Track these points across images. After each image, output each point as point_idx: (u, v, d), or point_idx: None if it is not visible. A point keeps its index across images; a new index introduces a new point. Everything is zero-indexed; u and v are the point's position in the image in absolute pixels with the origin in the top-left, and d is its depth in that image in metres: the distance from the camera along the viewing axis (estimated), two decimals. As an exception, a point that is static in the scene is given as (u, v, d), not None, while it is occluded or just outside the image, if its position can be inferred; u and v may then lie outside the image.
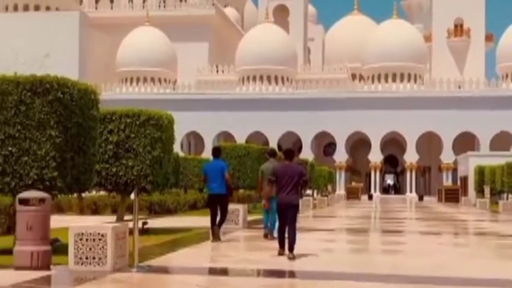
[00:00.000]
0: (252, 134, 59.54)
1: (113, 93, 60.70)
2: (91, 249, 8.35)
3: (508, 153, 46.99)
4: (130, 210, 17.98)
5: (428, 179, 68.45)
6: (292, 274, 9.06)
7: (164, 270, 9.07)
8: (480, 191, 41.17)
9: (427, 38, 71.11)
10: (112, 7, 73.22)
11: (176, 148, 50.68)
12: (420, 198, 57.10)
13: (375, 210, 31.36)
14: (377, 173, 60.80)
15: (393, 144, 65.51)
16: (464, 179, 48.45)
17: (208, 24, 69.39)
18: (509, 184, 35.39)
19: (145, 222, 14.01)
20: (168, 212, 22.66)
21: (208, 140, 60.08)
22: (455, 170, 57.45)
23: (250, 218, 18.65)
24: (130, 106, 14.31)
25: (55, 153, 9.88)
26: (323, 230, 16.80)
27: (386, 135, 59.66)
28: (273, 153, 14.47)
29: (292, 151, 11.11)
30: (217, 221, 12.90)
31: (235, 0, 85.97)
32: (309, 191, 38.10)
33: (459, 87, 59.40)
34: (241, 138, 56.58)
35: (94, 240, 8.36)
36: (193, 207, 25.83)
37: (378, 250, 12.92)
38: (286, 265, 9.57)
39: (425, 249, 12.56)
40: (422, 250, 12.49)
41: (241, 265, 9.55)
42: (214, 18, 70.11)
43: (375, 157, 59.51)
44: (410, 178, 60.47)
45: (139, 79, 64.65)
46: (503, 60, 63.33)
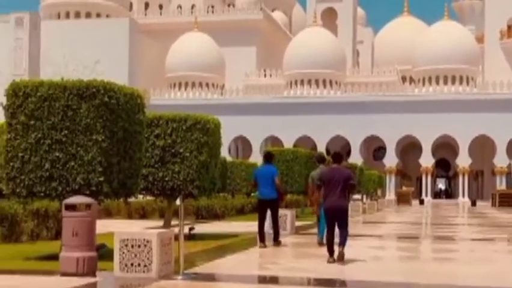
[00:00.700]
0: (299, 138, 59.18)
1: (162, 99, 61.31)
2: (136, 255, 8.25)
3: None
4: (177, 215, 17.93)
5: (480, 183, 66.78)
6: (343, 284, 8.76)
7: (210, 277, 8.89)
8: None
9: (479, 39, 69.50)
10: (161, 13, 74.04)
11: (224, 153, 50.82)
12: (473, 203, 55.65)
13: (426, 216, 30.64)
14: (429, 177, 59.62)
15: (445, 148, 64.16)
16: (519, 184, 47.00)
17: (256, 28, 69.41)
18: None
19: (191, 228, 13.90)
20: (215, 216, 22.57)
21: (255, 144, 60.01)
22: (509, 174, 55.84)
23: (298, 223, 18.39)
24: (178, 111, 14.27)
25: (101, 158, 9.84)
26: (373, 236, 16.41)
27: (438, 138, 58.44)
28: (322, 159, 14.27)
29: (340, 154, 10.89)
30: (265, 227, 12.76)
31: (283, 4, 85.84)
32: (358, 196, 37.55)
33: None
34: (289, 143, 56.28)
35: (139, 246, 8.25)
36: (240, 212, 25.70)
37: (430, 258, 12.49)
38: (336, 274, 9.29)
39: (480, 257, 12.09)
40: (476, 258, 12.02)
41: (290, 273, 9.31)
42: (262, 22, 70.10)
43: (427, 161, 58.37)
44: (462, 182, 59.11)
45: (187, 84, 65.10)
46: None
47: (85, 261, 8.47)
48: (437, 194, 71.93)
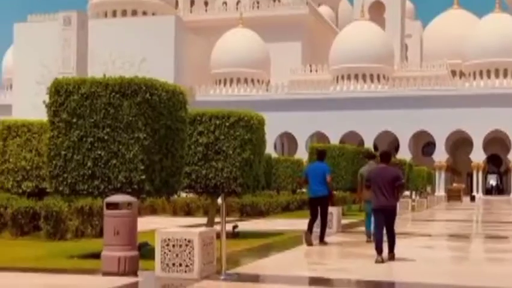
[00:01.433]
0: (346, 134, 58.53)
1: (207, 95, 61.47)
2: (177, 255, 8.07)
3: None
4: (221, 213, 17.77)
5: (534, 180, 64.93)
6: (392, 286, 8.42)
7: (254, 278, 8.63)
8: None
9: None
10: (206, 10, 74.26)
11: (269, 149, 50.58)
12: (527, 199, 54.14)
13: (478, 213, 29.79)
14: (480, 173, 58.22)
15: (497, 143, 62.54)
16: None
17: (302, 23, 68.90)
18: None
19: (235, 226, 13.70)
20: (260, 214, 22.34)
21: (301, 140, 59.60)
22: None
23: (344, 221, 18.02)
24: (223, 108, 14.09)
25: (143, 155, 9.70)
26: (422, 236, 15.91)
27: (489, 133, 56.99)
28: (371, 155, 14.00)
29: (388, 153, 10.76)
30: (314, 226, 12.52)
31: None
32: (407, 193, 36.83)
33: None
34: (336, 139, 55.73)
35: (180, 246, 8.07)
36: (286, 209, 25.41)
37: (483, 258, 11.99)
38: (384, 275, 8.94)
39: (537, 259, 11.52)
40: (533, 259, 11.46)
41: (336, 274, 8.99)
42: (308, 17, 69.55)
43: (478, 157, 57.02)
44: (515, 179, 57.56)
45: (232, 80, 65.13)
46: None
47: (126, 260, 8.34)
48: (488, 191, 70.28)
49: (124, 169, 9.70)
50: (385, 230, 10.20)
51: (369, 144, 54.67)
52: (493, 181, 77.28)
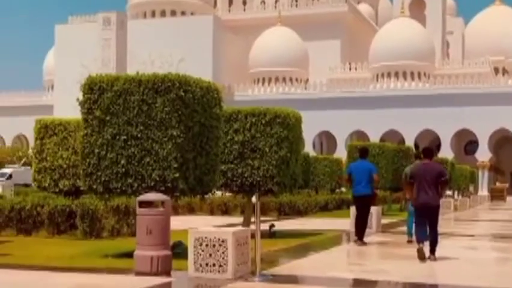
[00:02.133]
0: (386, 132, 57.74)
1: (246, 95, 61.34)
2: (211, 255, 7.86)
3: None
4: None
5: None
6: (433, 288, 8.08)
7: (290, 279, 8.34)
8: None
9: None
10: (244, 9, 74.14)
11: (308, 148, 50.17)
12: None
13: (523, 213, 28.94)
14: (524, 173, 56.77)
15: (542, 142, 60.96)
16: None
17: (341, 21, 68.22)
18: None
19: (272, 225, 13.47)
20: (298, 213, 22.05)
21: (340, 139, 59.03)
22: None
23: (384, 221, 17.62)
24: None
25: (177, 153, 9.52)
26: (465, 236, 15.42)
27: (534, 132, 55.57)
28: (419, 155, 13.70)
29: (431, 149, 10.48)
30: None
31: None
32: (449, 192, 36.09)
33: None
34: (376, 137, 54.97)
35: (214, 246, 7.86)
36: (324, 209, 25.06)
37: (531, 260, 11.49)
38: (426, 277, 8.60)
39: None
40: None
41: (375, 275, 8.66)
42: (347, 15, 68.84)
43: (522, 155, 55.61)
44: (561, 178, 55.96)
45: (270, 79, 64.88)
46: None
47: (159, 260, 8.17)
48: (533, 190, 68.50)
49: (157, 167, 9.54)
50: (428, 229, 9.85)
51: (410, 142, 53.73)
52: (538, 180, 75.32)
